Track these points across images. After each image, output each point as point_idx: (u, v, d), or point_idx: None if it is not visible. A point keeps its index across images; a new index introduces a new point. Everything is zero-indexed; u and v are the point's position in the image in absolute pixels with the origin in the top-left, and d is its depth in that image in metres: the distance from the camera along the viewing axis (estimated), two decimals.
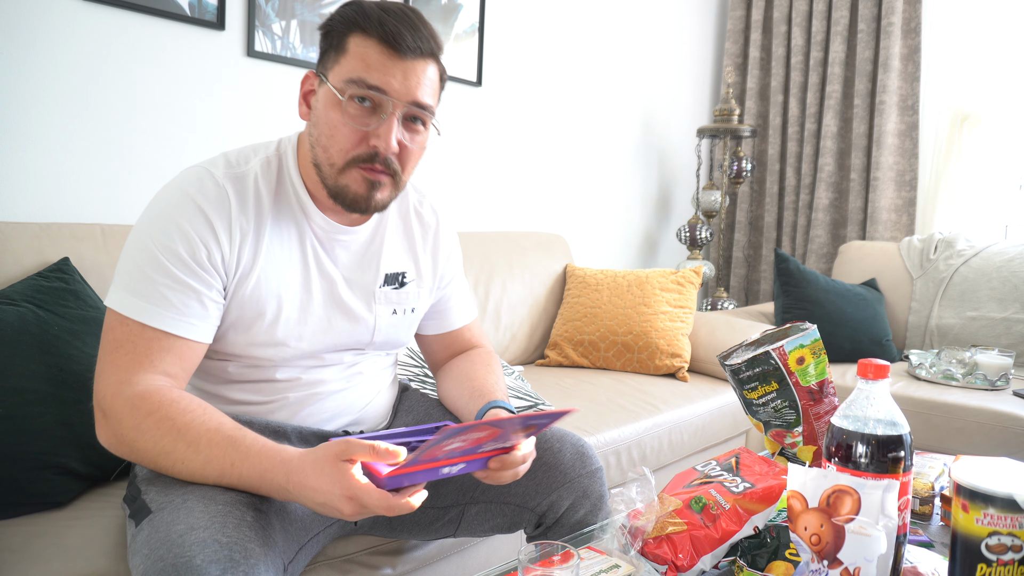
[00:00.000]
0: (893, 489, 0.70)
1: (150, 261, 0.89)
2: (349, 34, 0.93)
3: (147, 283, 0.89)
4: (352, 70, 0.92)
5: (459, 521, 1.12)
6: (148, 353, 0.88)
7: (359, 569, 1.12)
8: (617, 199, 3.10)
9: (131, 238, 0.92)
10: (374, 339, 1.09)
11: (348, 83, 0.91)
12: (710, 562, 0.82)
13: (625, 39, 3.01)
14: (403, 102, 0.92)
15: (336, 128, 0.93)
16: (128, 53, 1.63)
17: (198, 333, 0.92)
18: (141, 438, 0.84)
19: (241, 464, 0.82)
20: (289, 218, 1.00)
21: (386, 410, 1.17)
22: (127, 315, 0.88)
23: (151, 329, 0.88)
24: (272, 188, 0.98)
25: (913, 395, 2.09)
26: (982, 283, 2.56)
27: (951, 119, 2.99)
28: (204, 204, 0.92)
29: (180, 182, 0.94)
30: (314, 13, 1.95)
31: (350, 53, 0.92)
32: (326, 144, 0.94)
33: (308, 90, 0.99)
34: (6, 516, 1.08)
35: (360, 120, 0.92)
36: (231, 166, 0.97)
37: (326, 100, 0.94)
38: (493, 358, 1.22)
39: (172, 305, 0.89)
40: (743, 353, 1.00)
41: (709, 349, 2.25)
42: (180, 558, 0.73)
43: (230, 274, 0.94)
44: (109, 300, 0.90)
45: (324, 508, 0.78)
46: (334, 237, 1.03)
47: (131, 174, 1.67)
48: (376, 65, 0.91)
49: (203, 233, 0.91)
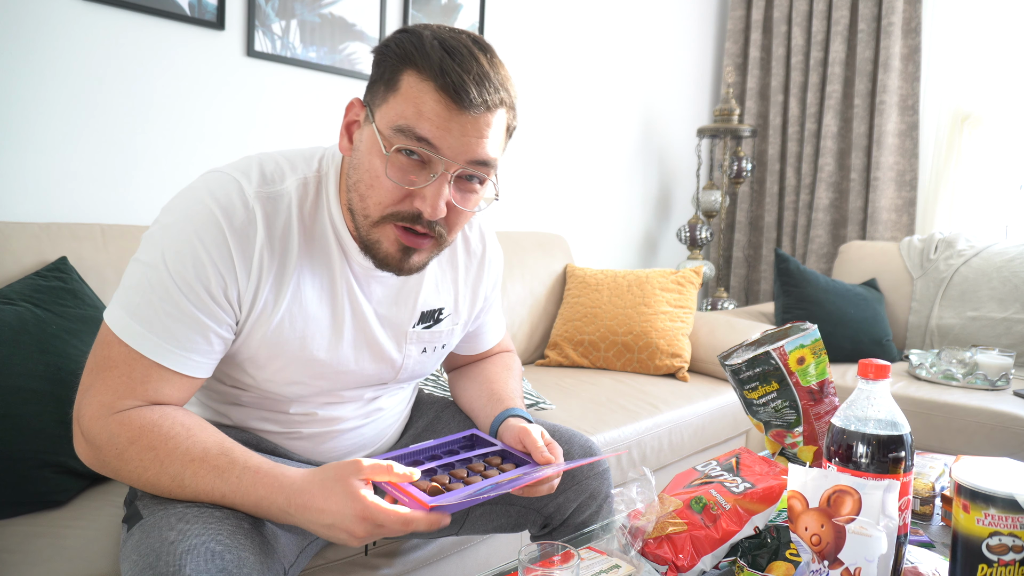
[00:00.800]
0: (894, 489, 0.70)
1: (159, 287, 0.79)
2: (404, 69, 0.78)
3: (151, 310, 0.79)
4: (402, 115, 0.78)
5: (463, 521, 1.11)
6: (143, 381, 0.80)
7: (359, 570, 1.12)
8: (617, 199, 3.10)
9: (145, 248, 0.82)
10: (399, 376, 1.01)
11: (396, 131, 0.78)
12: (710, 562, 0.82)
13: (625, 39, 3.01)
14: (458, 163, 0.79)
15: (377, 179, 0.80)
16: (128, 53, 1.63)
17: (199, 370, 0.83)
18: (124, 467, 0.78)
19: (233, 495, 0.76)
20: (323, 253, 0.88)
21: (400, 432, 1.15)
22: (125, 341, 0.80)
23: (160, 368, 0.80)
24: (307, 217, 0.87)
25: (913, 395, 2.09)
26: (982, 283, 2.56)
27: (951, 119, 2.99)
28: (228, 231, 0.80)
29: (207, 194, 0.82)
30: (314, 13, 1.95)
31: (402, 93, 0.78)
32: (364, 193, 0.82)
33: (352, 120, 0.85)
34: (5, 516, 1.07)
35: (405, 176, 0.79)
36: (265, 182, 0.85)
37: (370, 143, 0.81)
38: (513, 360, 1.18)
39: (175, 338, 0.80)
40: (743, 353, 1.00)
41: (709, 349, 2.24)
42: (170, 567, 0.69)
43: (244, 310, 0.84)
44: (109, 314, 0.82)
45: (331, 530, 0.74)
46: (373, 274, 0.92)
47: (131, 174, 1.67)
48: (430, 115, 0.77)
49: (222, 266, 0.80)
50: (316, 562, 1.07)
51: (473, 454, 0.93)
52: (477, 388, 1.11)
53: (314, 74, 1.98)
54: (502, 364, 1.16)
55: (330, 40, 1.99)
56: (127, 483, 0.81)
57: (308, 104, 1.98)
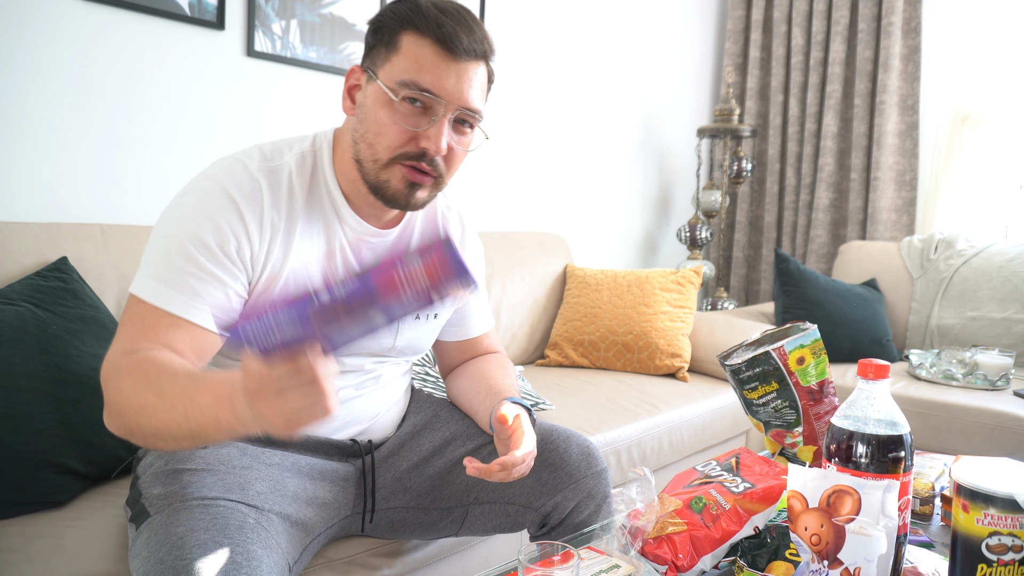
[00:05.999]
0: (893, 489, 0.70)
1: (178, 250, 0.87)
2: (402, 31, 0.91)
3: (173, 271, 0.86)
4: (405, 70, 0.90)
5: (462, 521, 1.12)
6: (153, 327, 0.85)
7: (359, 570, 1.12)
8: (617, 199, 3.10)
9: (160, 226, 0.90)
10: (396, 344, 1.06)
11: (401, 84, 0.90)
12: (710, 562, 0.82)
13: (625, 39, 3.01)
14: (455, 105, 0.91)
15: (385, 126, 0.91)
16: (128, 53, 1.63)
17: (210, 322, 0.88)
18: (121, 398, 0.80)
19: (198, 394, 0.73)
20: (320, 217, 0.98)
21: (398, 420, 1.16)
22: (149, 300, 0.85)
23: (170, 315, 0.85)
24: (306, 185, 0.96)
25: (913, 395, 2.09)
26: (982, 283, 2.56)
27: (951, 119, 2.99)
28: (237, 196, 0.90)
29: (213, 173, 0.92)
30: (314, 13, 1.95)
31: (403, 52, 0.91)
32: (372, 140, 0.92)
33: (353, 84, 0.97)
34: (5, 516, 1.07)
35: (411, 120, 0.91)
36: (266, 159, 0.95)
37: (376, 98, 0.92)
38: (508, 362, 1.21)
39: (196, 294, 0.86)
40: (743, 353, 1.00)
41: (709, 349, 2.24)
42: (180, 560, 0.72)
43: (256, 269, 0.92)
44: (133, 287, 0.88)
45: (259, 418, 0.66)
46: (363, 239, 1.01)
47: (131, 174, 1.67)
48: (430, 67, 0.89)
49: (234, 225, 0.89)
50: (316, 561, 1.07)
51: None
52: (475, 385, 1.13)
53: (314, 74, 1.98)
54: (497, 362, 1.18)
55: (330, 40, 1.99)
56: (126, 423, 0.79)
57: (308, 104, 1.98)
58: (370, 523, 1.10)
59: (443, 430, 1.14)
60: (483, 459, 1.10)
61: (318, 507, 1.01)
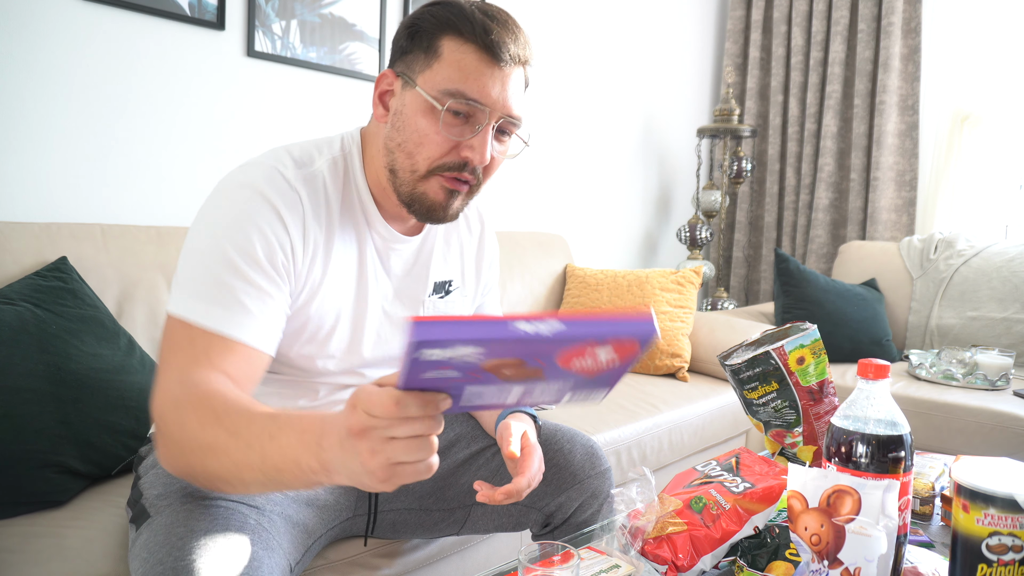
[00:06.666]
0: (893, 489, 0.70)
1: (224, 262, 0.80)
2: (443, 36, 0.86)
3: (220, 288, 0.80)
4: (449, 79, 0.85)
5: (464, 521, 1.12)
6: (205, 352, 0.78)
7: (359, 570, 1.12)
8: (617, 199, 3.10)
9: (196, 237, 0.83)
10: None
11: (445, 93, 0.85)
12: (710, 562, 0.82)
13: (625, 39, 3.01)
14: (499, 114, 0.88)
15: (427, 136, 0.87)
16: (128, 53, 1.63)
17: (261, 340, 0.82)
18: (185, 436, 0.73)
19: (279, 433, 0.66)
20: (352, 226, 0.94)
21: None
22: (197, 322, 0.78)
23: (223, 338, 0.79)
24: (339, 193, 0.93)
25: (913, 395, 2.09)
26: (982, 283, 2.55)
27: (951, 119, 2.99)
28: (279, 205, 0.84)
29: (248, 180, 0.85)
30: (314, 13, 1.95)
31: (445, 59, 0.86)
32: (412, 151, 0.88)
33: (385, 90, 0.92)
34: (5, 516, 1.07)
35: (455, 130, 0.87)
36: (300, 165, 0.90)
37: (416, 106, 0.87)
38: None
39: (249, 311, 0.80)
40: (743, 353, 1.00)
41: (709, 349, 2.24)
42: (180, 561, 0.71)
43: (299, 284, 0.88)
44: (173, 306, 0.80)
45: (342, 449, 0.60)
46: (391, 246, 0.98)
47: (131, 174, 1.67)
48: (475, 75, 0.85)
49: (280, 235, 0.84)
50: (317, 562, 1.07)
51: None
52: None
53: (314, 74, 1.98)
54: None
55: (330, 40, 1.99)
56: (191, 462, 0.73)
57: (308, 104, 1.97)
58: (371, 534, 1.10)
59: (448, 431, 1.14)
60: (487, 461, 1.10)
61: (319, 508, 1.00)
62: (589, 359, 0.52)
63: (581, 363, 0.53)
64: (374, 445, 0.57)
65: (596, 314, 0.50)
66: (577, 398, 0.61)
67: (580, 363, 0.53)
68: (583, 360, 0.52)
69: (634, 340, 0.51)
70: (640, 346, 0.52)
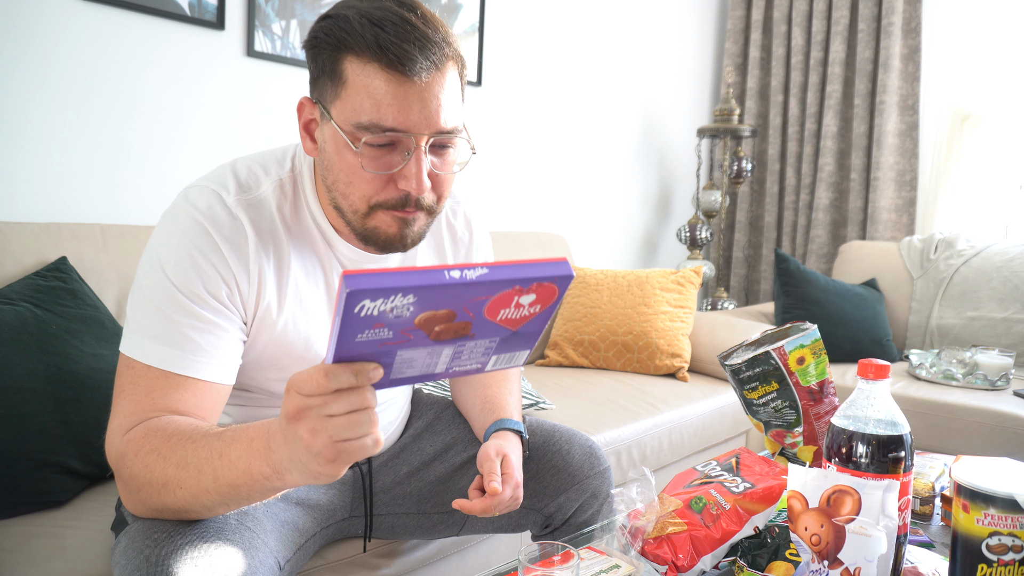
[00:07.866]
0: (893, 489, 0.70)
1: (168, 301, 0.78)
2: (342, 57, 0.76)
3: (167, 325, 0.77)
4: (359, 110, 0.76)
5: (464, 522, 1.11)
6: (152, 395, 0.77)
7: (359, 570, 1.12)
8: (617, 199, 3.10)
9: (144, 274, 0.81)
10: None
11: (359, 128, 0.76)
12: (710, 562, 0.82)
13: (625, 39, 3.01)
14: (426, 134, 0.77)
15: (355, 174, 0.79)
16: (128, 53, 1.63)
17: (213, 373, 0.80)
18: (137, 483, 0.73)
19: (227, 449, 0.67)
20: (311, 251, 0.89)
21: (400, 426, 1.14)
22: (144, 361, 0.77)
23: (170, 375, 0.77)
24: (289, 218, 0.87)
25: (913, 395, 2.09)
26: (982, 283, 2.55)
27: (951, 119, 2.99)
28: (220, 240, 0.80)
29: (190, 208, 0.81)
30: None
31: (351, 85, 0.76)
32: (345, 191, 0.80)
33: (308, 120, 0.83)
34: (5, 516, 1.07)
35: (381, 163, 0.78)
36: (243, 190, 0.84)
37: (335, 142, 0.79)
38: (513, 369, 1.19)
39: (199, 347, 0.78)
40: (743, 353, 1.00)
41: (709, 349, 2.24)
42: (156, 567, 0.70)
43: (250, 313, 0.85)
44: (124, 346, 0.79)
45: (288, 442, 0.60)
46: (362, 265, 0.92)
47: (131, 174, 1.67)
48: (387, 99, 0.75)
49: (221, 269, 0.80)
50: (316, 562, 1.07)
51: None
52: (473, 394, 1.11)
53: None
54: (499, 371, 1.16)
55: None
56: (153, 504, 0.74)
57: None
58: (370, 536, 1.10)
59: (444, 434, 1.14)
60: None
61: (310, 508, 1.00)
62: (514, 308, 0.56)
63: (507, 313, 0.56)
64: (313, 424, 0.56)
65: (517, 261, 0.54)
66: (501, 362, 0.62)
67: (506, 313, 0.56)
68: (508, 310, 0.55)
69: (553, 283, 0.55)
70: (559, 290, 0.56)
